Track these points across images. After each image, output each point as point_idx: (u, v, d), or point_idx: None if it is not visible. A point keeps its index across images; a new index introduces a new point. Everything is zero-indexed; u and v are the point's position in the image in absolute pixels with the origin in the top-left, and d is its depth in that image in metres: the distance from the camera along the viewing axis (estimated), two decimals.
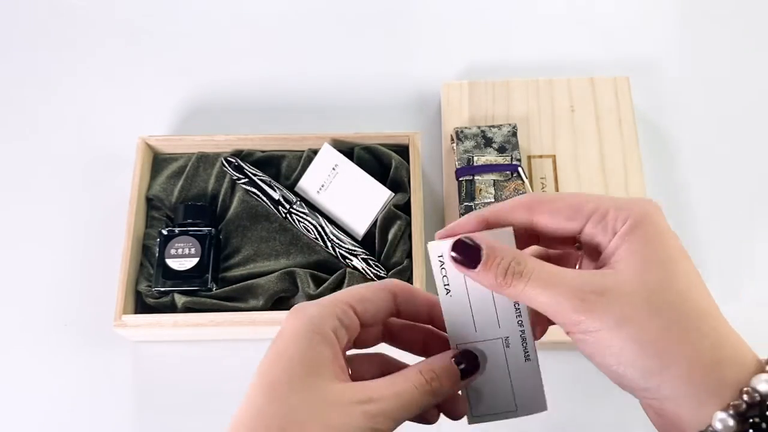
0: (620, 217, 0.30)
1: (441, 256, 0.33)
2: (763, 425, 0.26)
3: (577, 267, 0.35)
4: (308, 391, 0.29)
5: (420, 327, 0.36)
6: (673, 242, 0.30)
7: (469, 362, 0.33)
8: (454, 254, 0.31)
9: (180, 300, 0.59)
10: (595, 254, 0.31)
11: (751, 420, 0.26)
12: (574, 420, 0.60)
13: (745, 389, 0.27)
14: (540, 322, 0.34)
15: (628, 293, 0.28)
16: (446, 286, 0.33)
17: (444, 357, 0.33)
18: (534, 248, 0.35)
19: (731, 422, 0.26)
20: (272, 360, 0.30)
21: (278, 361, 0.30)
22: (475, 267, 0.31)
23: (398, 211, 0.62)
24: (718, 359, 0.28)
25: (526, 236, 0.33)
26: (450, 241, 0.32)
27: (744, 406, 0.26)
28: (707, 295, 0.30)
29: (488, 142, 0.66)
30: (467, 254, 0.31)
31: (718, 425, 0.26)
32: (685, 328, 0.28)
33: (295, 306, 0.32)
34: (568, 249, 0.34)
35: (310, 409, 0.29)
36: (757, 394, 0.26)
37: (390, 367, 0.35)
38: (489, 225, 0.32)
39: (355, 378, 0.32)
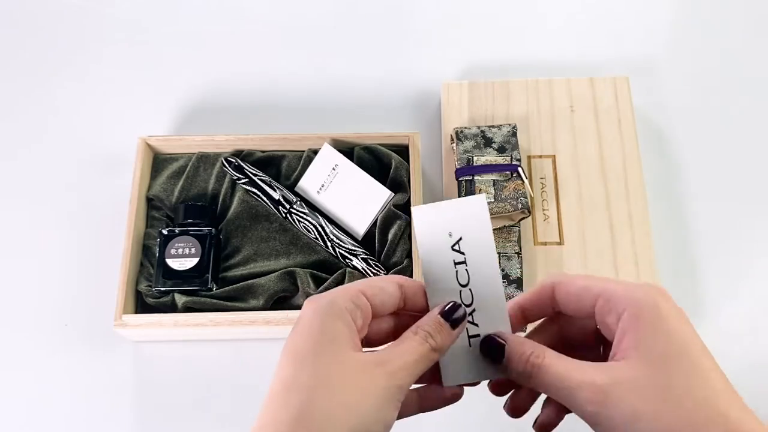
0: (622, 302, 0.33)
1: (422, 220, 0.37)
2: None
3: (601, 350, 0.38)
4: (332, 357, 0.32)
5: None
6: (677, 331, 0.31)
7: (454, 313, 0.36)
8: (485, 350, 0.36)
9: (180, 300, 0.59)
10: (609, 336, 0.34)
11: None
12: (575, 418, 0.60)
13: None
14: (556, 410, 0.37)
15: (637, 388, 0.30)
16: (426, 251, 0.37)
17: (431, 314, 0.36)
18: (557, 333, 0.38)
19: None
20: (296, 336, 0.33)
21: (301, 335, 0.33)
22: (501, 361, 0.35)
23: (398, 211, 0.62)
24: None
25: (555, 314, 0.37)
26: (427, 206, 0.38)
27: None
28: (718, 381, 0.31)
29: (488, 142, 0.66)
30: (495, 349, 0.36)
31: None
32: (695, 422, 0.29)
33: (309, 297, 0.35)
34: (589, 330, 0.37)
35: (337, 373, 0.31)
36: None
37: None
38: (525, 311, 0.37)
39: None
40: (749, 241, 0.67)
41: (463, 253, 0.37)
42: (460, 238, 0.38)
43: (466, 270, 0.37)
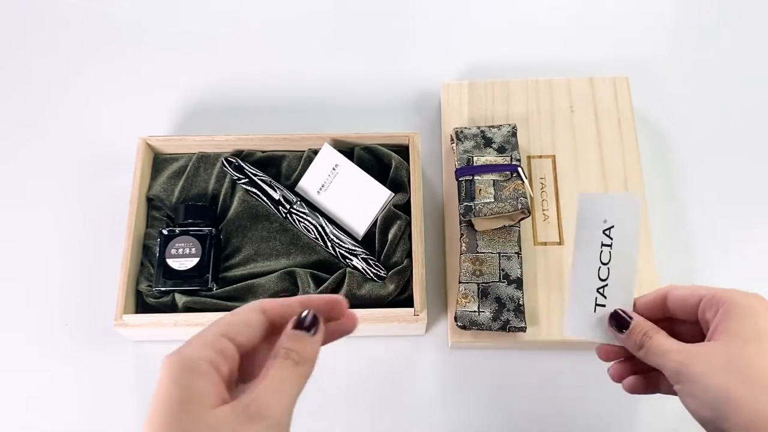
0: (722, 301, 0.40)
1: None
2: None
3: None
4: (192, 421, 0.30)
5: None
6: (759, 323, 0.38)
7: (304, 321, 0.35)
8: (612, 320, 0.44)
9: (180, 300, 0.59)
10: (706, 328, 0.41)
11: None
12: (575, 419, 0.60)
13: None
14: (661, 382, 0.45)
15: (712, 358, 0.38)
16: (582, 230, 0.46)
17: (286, 331, 0.35)
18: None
19: None
20: (153, 404, 0.31)
21: (158, 402, 0.31)
22: (623, 332, 0.43)
23: (398, 211, 0.62)
24: None
25: (664, 318, 0.44)
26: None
27: None
28: None
29: (488, 142, 0.66)
30: (621, 323, 0.43)
31: None
32: (750, 388, 0.36)
33: (168, 354, 0.32)
34: (692, 334, 0.43)
35: None
36: None
37: None
38: (639, 310, 0.44)
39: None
40: (749, 241, 0.68)
41: (611, 238, 0.46)
42: (612, 226, 0.46)
43: (610, 252, 0.46)
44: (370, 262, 0.60)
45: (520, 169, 0.63)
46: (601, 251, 0.47)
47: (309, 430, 0.60)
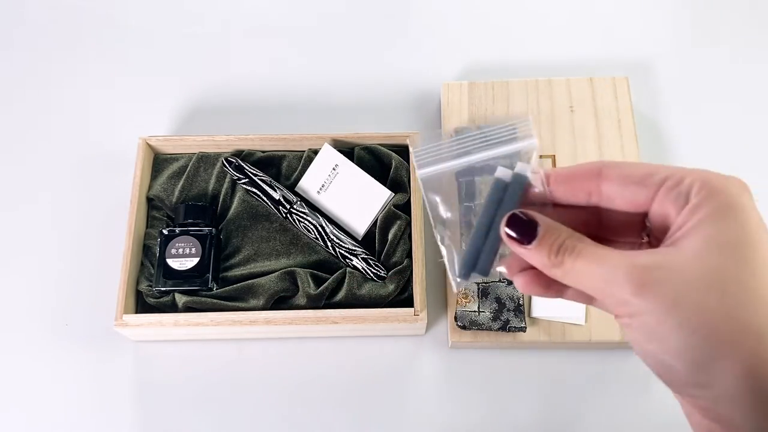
0: (696, 186, 0.26)
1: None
2: None
3: None
4: None
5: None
6: (751, 223, 0.26)
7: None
8: (508, 231, 0.30)
9: (181, 300, 0.59)
10: (662, 235, 0.27)
11: None
12: (575, 419, 0.60)
13: None
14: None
15: (686, 273, 0.25)
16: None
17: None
18: None
19: None
20: None
21: None
22: (529, 244, 0.29)
23: (398, 211, 0.62)
24: None
25: (586, 215, 0.30)
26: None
27: None
28: None
29: None
30: (523, 231, 0.29)
31: None
32: (748, 321, 0.23)
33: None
34: (631, 239, 0.30)
35: None
36: None
37: None
38: (559, 185, 0.31)
39: None
40: None
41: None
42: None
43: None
44: (370, 262, 0.60)
45: None
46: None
47: (308, 429, 0.60)
